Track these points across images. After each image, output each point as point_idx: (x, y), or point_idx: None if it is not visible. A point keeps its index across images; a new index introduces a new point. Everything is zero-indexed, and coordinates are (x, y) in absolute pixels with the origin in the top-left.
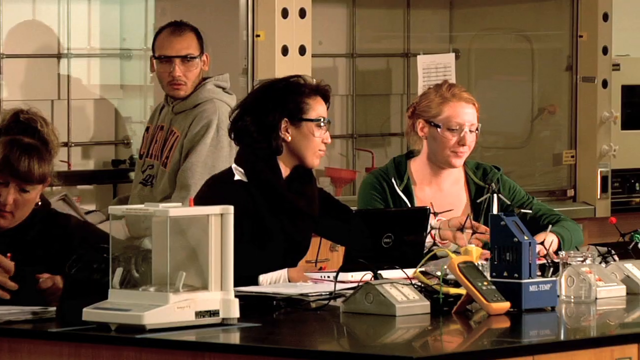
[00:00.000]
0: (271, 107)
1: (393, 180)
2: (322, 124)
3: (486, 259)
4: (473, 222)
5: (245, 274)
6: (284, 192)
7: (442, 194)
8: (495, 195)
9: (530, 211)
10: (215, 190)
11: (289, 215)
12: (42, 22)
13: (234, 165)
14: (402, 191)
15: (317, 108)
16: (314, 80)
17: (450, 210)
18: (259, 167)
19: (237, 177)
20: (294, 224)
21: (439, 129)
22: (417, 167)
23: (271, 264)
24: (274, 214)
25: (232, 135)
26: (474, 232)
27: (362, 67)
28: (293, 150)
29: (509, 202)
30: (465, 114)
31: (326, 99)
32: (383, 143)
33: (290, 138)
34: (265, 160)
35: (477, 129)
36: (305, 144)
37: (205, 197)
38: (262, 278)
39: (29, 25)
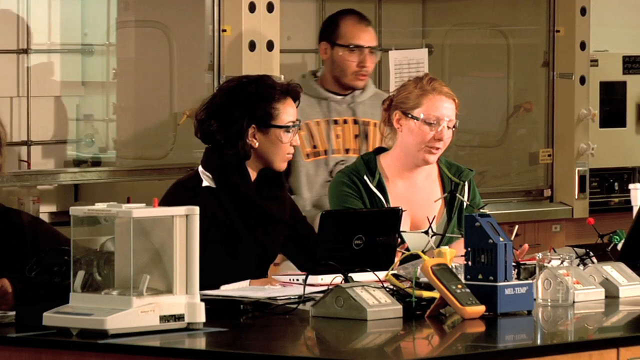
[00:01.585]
0: (239, 114)
1: (365, 177)
2: (290, 130)
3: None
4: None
5: (214, 282)
6: (254, 198)
7: (416, 188)
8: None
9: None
10: (182, 196)
11: (260, 221)
12: (0, 17)
13: (201, 170)
14: (376, 187)
15: (286, 112)
16: (282, 77)
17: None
18: (228, 172)
19: (205, 183)
20: (265, 231)
21: (416, 122)
22: (388, 162)
23: (242, 271)
24: (245, 220)
25: (199, 135)
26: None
27: None
28: (260, 155)
29: (468, 203)
30: (445, 108)
31: (296, 98)
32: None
33: (257, 144)
34: (234, 166)
35: (454, 126)
36: (273, 150)
37: (172, 203)
38: (224, 289)
39: None
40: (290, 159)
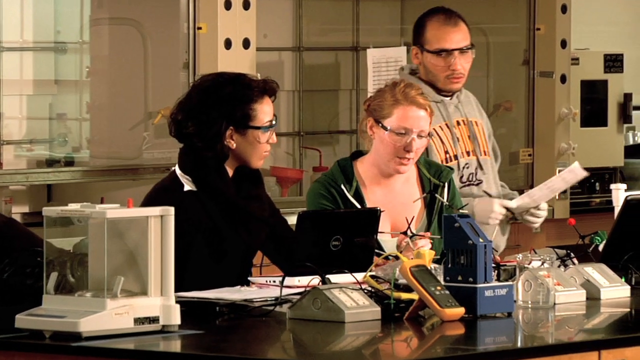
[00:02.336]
0: (216, 116)
1: (342, 187)
2: (268, 129)
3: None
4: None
5: (201, 286)
6: (236, 199)
7: (395, 194)
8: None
9: (467, 212)
10: (165, 203)
11: (242, 221)
12: None
13: (179, 172)
14: (353, 196)
15: (264, 111)
16: (259, 75)
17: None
18: (206, 174)
19: (186, 187)
20: (248, 230)
21: (386, 132)
22: (365, 167)
23: (228, 273)
24: (229, 223)
25: (173, 135)
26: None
27: (309, 62)
28: (237, 155)
29: (448, 204)
30: (416, 118)
31: (273, 95)
32: (331, 141)
33: (234, 145)
34: (212, 167)
35: (428, 135)
36: (251, 150)
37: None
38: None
39: None
40: (267, 156)
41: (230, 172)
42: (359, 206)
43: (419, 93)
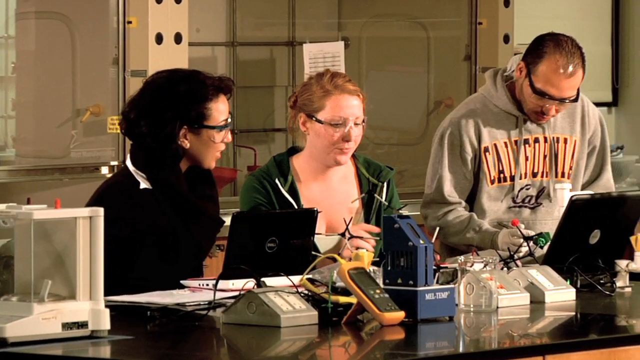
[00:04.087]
0: (170, 116)
1: (277, 181)
2: (222, 129)
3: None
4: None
5: (151, 287)
6: (191, 198)
7: (331, 191)
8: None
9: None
10: (119, 201)
11: (197, 221)
12: None
13: (132, 169)
14: (287, 191)
15: (219, 110)
16: (216, 74)
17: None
18: (163, 172)
19: (142, 185)
20: (202, 230)
21: (322, 125)
22: (301, 163)
23: (180, 273)
24: (184, 222)
25: (124, 132)
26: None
27: (244, 57)
28: (190, 155)
29: (386, 204)
30: (350, 107)
31: (228, 92)
32: (266, 139)
33: (188, 145)
34: (167, 165)
35: (363, 122)
36: (205, 150)
37: (107, 207)
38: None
39: None
40: (220, 157)
41: (183, 169)
42: (292, 201)
43: (347, 80)
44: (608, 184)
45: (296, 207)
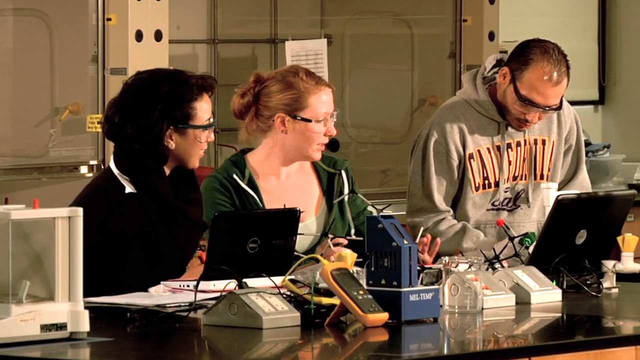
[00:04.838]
0: (155, 118)
1: (235, 176)
2: (207, 128)
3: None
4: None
5: (136, 291)
6: (176, 202)
7: (290, 182)
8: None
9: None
10: (103, 204)
11: (180, 225)
12: None
13: (116, 172)
14: (247, 185)
15: (203, 109)
16: (197, 72)
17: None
18: (147, 176)
19: (127, 190)
20: (186, 235)
21: (307, 123)
22: (257, 160)
23: (163, 278)
24: (167, 226)
25: (107, 136)
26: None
27: (225, 54)
28: (176, 155)
29: (350, 191)
30: (330, 101)
31: (211, 91)
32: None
33: (174, 145)
34: (152, 169)
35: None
36: (190, 150)
37: (91, 210)
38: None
39: None
40: (203, 155)
41: (167, 173)
42: (253, 194)
43: (318, 74)
44: (584, 183)
45: (257, 200)
